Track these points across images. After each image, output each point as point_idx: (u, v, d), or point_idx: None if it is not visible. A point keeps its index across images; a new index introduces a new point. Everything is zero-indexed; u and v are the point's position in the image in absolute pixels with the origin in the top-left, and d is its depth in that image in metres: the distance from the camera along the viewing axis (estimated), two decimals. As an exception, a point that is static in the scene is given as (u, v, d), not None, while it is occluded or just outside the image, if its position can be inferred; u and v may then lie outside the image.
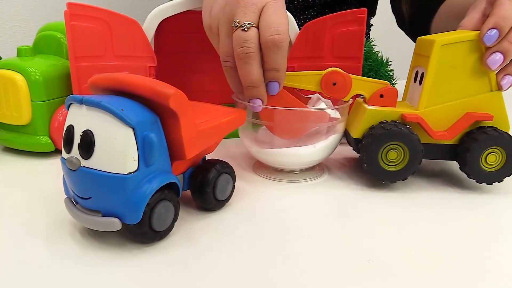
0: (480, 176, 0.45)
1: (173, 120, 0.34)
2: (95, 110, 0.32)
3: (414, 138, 0.44)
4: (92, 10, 0.51)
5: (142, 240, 0.35)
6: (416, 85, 0.47)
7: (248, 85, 0.43)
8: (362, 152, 0.45)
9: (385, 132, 0.43)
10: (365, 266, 0.33)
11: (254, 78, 0.42)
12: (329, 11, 0.80)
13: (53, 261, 0.33)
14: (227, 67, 0.44)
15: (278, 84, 0.44)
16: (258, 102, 0.44)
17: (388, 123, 0.44)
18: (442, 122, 0.45)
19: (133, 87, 0.34)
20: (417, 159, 0.44)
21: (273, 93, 0.44)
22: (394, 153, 0.44)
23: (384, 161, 0.44)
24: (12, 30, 1.03)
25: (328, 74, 0.46)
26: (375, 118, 0.46)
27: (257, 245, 0.35)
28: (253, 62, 0.42)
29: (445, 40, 0.44)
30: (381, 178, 0.45)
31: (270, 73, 0.43)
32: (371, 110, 0.46)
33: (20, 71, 0.51)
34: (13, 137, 0.54)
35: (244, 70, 0.42)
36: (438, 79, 0.45)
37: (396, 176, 0.45)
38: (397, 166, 0.44)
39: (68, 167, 0.33)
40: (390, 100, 0.46)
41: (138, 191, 0.32)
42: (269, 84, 0.43)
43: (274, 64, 0.42)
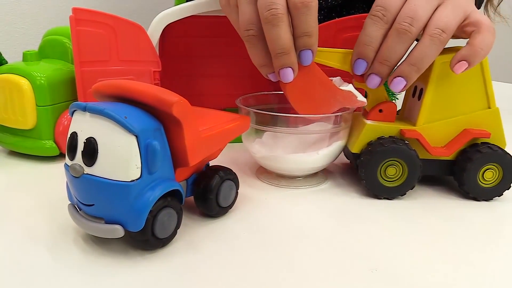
0: (479, 193, 0.45)
1: (177, 127, 0.34)
2: (99, 117, 0.32)
3: (412, 154, 0.44)
4: (97, 15, 0.51)
5: (145, 247, 0.35)
6: (415, 100, 0.47)
7: (277, 52, 0.39)
8: (361, 169, 0.45)
9: (384, 149, 0.43)
10: (368, 275, 0.33)
11: (285, 41, 0.38)
12: (336, 15, 0.79)
13: (56, 267, 0.33)
14: (249, 35, 0.40)
15: (311, 52, 0.40)
16: (289, 71, 0.40)
17: (387, 139, 0.44)
18: (440, 138, 0.46)
19: (136, 94, 0.34)
20: (416, 175, 0.44)
21: (306, 62, 0.40)
22: (393, 169, 0.44)
23: (382, 177, 0.44)
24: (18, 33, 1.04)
25: None
26: (373, 133, 0.45)
27: (260, 252, 0.35)
28: (283, 24, 0.38)
29: (445, 57, 0.43)
30: (379, 194, 0.45)
31: (302, 40, 0.39)
32: (370, 126, 0.45)
33: (25, 76, 0.51)
34: (18, 141, 0.54)
35: (273, 34, 0.38)
36: (437, 95, 0.45)
37: (394, 192, 0.45)
38: (395, 182, 0.44)
39: (71, 174, 0.33)
40: (389, 115, 0.46)
41: (141, 199, 0.32)
42: (301, 53, 0.40)
43: (305, 28, 0.39)
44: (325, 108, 0.45)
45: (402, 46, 0.40)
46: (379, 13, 0.41)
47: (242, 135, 0.49)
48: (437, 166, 0.46)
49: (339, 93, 0.44)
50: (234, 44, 0.70)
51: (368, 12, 0.43)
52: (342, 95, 0.44)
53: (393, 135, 0.45)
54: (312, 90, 0.43)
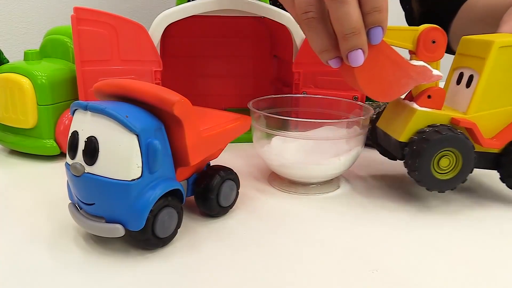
0: None
1: (178, 127, 0.34)
2: (100, 116, 0.32)
3: (469, 144, 0.40)
4: (98, 14, 0.51)
5: (145, 247, 0.35)
6: (461, 87, 0.44)
7: (347, 32, 0.35)
8: (411, 159, 0.41)
9: (441, 137, 0.40)
10: (369, 276, 0.32)
11: (355, 19, 0.34)
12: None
13: (56, 266, 0.33)
14: (309, 18, 0.36)
15: (381, 29, 0.36)
16: (359, 53, 0.36)
17: (441, 127, 0.41)
18: (490, 129, 0.43)
19: (137, 93, 0.34)
20: (469, 167, 0.41)
21: (376, 41, 0.36)
22: (446, 160, 0.41)
23: (435, 169, 0.41)
24: (20, 32, 1.04)
25: (427, 30, 0.42)
26: (424, 121, 0.42)
27: (261, 252, 0.35)
28: (352, 0, 0.34)
29: (504, 42, 0.41)
30: (430, 187, 0.42)
31: (371, 16, 0.35)
32: (421, 112, 0.42)
33: (26, 75, 0.52)
34: (19, 140, 0.54)
35: (341, 13, 0.34)
36: (491, 83, 0.42)
37: (446, 185, 0.42)
38: (447, 174, 0.41)
39: (72, 173, 0.33)
40: (438, 101, 0.42)
41: (141, 198, 0.32)
42: (371, 31, 0.36)
43: (376, 2, 0.35)
44: (397, 88, 0.41)
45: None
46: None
47: (253, 139, 0.48)
48: (482, 159, 0.43)
49: (412, 69, 0.41)
50: (235, 44, 0.71)
51: None
52: (416, 70, 0.41)
53: (444, 123, 0.42)
54: (382, 70, 0.39)
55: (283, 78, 0.68)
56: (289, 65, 0.60)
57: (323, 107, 0.52)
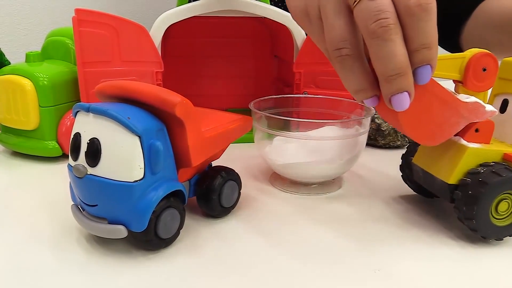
0: None
1: (179, 128, 0.34)
2: (102, 118, 0.32)
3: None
4: (99, 16, 0.51)
5: (148, 248, 0.35)
6: (507, 117, 0.40)
7: (391, 74, 0.30)
8: (468, 205, 0.36)
9: (501, 180, 0.35)
10: (371, 276, 0.33)
11: (401, 59, 0.30)
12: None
13: (59, 267, 0.33)
14: (343, 55, 0.31)
15: (430, 68, 0.31)
16: (405, 97, 0.31)
17: (497, 166, 0.36)
18: None
19: (139, 95, 0.34)
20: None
21: (424, 81, 0.31)
22: (505, 204, 0.36)
23: (493, 215, 0.36)
24: (21, 34, 1.04)
25: (477, 57, 0.37)
26: (476, 159, 0.37)
27: (263, 253, 0.35)
28: (396, 37, 0.30)
29: None
30: (488, 235, 0.37)
31: (420, 54, 0.30)
32: (473, 150, 0.37)
33: (28, 77, 0.52)
34: (21, 141, 0.54)
35: (384, 52, 0.30)
36: None
37: (506, 232, 0.37)
38: (507, 219, 0.37)
39: (74, 174, 0.33)
40: (487, 135, 0.37)
41: (144, 199, 0.32)
42: (418, 70, 0.31)
43: (424, 38, 0.30)
44: (447, 130, 0.37)
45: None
46: None
47: (255, 140, 0.48)
48: None
49: (463, 107, 0.36)
50: (236, 44, 0.71)
51: None
52: (467, 108, 0.36)
53: (496, 160, 0.37)
54: (430, 111, 0.34)
55: (284, 78, 0.68)
56: (290, 65, 0.60)
57: (324, 107, 0.52)
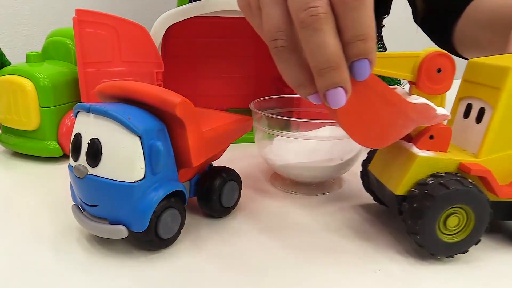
0: None
1: (180, 128, 0.34)
2: (103, 118, 0.32)
3: (483, 199, 0.33)
4: (100, 16, 0.51)
5: (149, 248, 0.35)
6: (470, 122, 0.36)
7: (323, 67, 0.27)
8: (412, 219, 0.33)
9: (448, 193, 0.32)
10: (371, 276, 0.33)
11: (332, 51, 0.27)
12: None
13: (60, 267, 0.33)
14: (279, 47, 0.28)
15: (369, 62, 0.28)
16: (339, 93, 0.28)
17: (448, 177, 0.33)
18: (507, 174, 0.35)
19: (140, 95, 0.34)
20: (484, 225, 0.34)
21: (362, 77, 0.28)
22: (455, 219, 0.33)
23: (441, 230, 0.34)
24: (21, 34, 1.04)
25: (431, 56, 0.34)
26: (426, 169, 0.34)
27: (264, 253, 0.35)
28: (327, 27, 0.27)
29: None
30: (435, 252, 0.34)
31: (354, 46, 0.27)
32: (423, 158, 0.34)
33: (29, 77, 0.52)
34: (21, 142, 0.54)
35: (314, 43, 0.27)
36: (509, 117, 0.34)
37: (455, 249, 0.34)
38: (457, 235, 0.34)
39: (75, 174, 0.33)
40: (443, 143, 0.35)
41: (144, 199, 0.32)
42: (354, 64, 0.28)
43: (359, 29, 0.27)
44: (392, 132, 0.33)
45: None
46: None
47: (255, 140, 0.48)
48: (502, 210, 0.35)
49: (411, 109, 0.33)
50: (237, 44, 0.71)
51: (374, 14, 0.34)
52: (416, 110, 0.33)
53: (450, 171, 0.34)
54: (373, 110, 0.32)
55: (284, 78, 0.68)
56: (290, 66, 0.60)
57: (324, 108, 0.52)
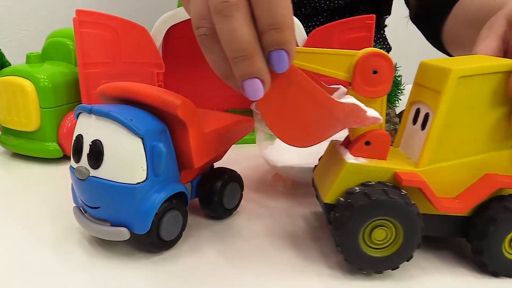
0: (503, 267, 0.32)
1: (182, 129, 0.34)
2: (104, 120, 0.32)
3: (412, 212, 0.30)
4: (100, 17, 0.51)
5: (150, 250, 0.35)
6: (416, 128, 0.34)
7: (235, 56, 0.26)
8: (335, 229, 0.31)
9: (370, 203, 0.30)
10: (373, 276, 0.33)
11: (244, 40, 0.26)
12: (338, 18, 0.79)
13: (61, 269, 0.33)
14: (202, 35, 0.28)
15: (285, 53, 0.27)
16: (255, 84, 0.27)
17: (375, 187, 0.31)
18: (450, 186, 0.32)
19: (141, 96, 0.34)
20: (415, 241, 0.31)
21: (279, 68, 0.27)
22: (382, 232, 0.31)
23: (366, 243, 0.31)
24: (20, 35, 1.04)
25: (366, 56, 0.31)
26: (356, 177, 0.32)
27: (265, 254, 0.35)
28: (239, 15, 0.26)
29: (466, 70, 0.30)
30: (364, 267, 0.32)
31: (269, 36, 0.26)
32: (352, 166, 0.32)
33: (29, 78, 0.51)
34: (21, 143, 0.54)
35: (226, 30, 0.26)
36: (451, 124, 0.31)
37: (383, 264, 0.32)
38: (385, 250, 0.31)
39: (77, 176, 0.33)
40: (380, 149, 0.32)
41: (147, 201, 0.32)
42: (270, 55, 0.27)
43: (272, 17, 0.26)
44: (317, 132, 0.32)
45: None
46: None
47: (257, 141, 0.48)
48: (445, 225, 0.33)
49: (338, 108, 0.31)
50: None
51: (372, 12, 0.33)
52: (343, 110, 0.31)
53: (384, 180, 0.32)
54: (296, 107, 0.30)
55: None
56: (291, 66, 0.60)
57: None
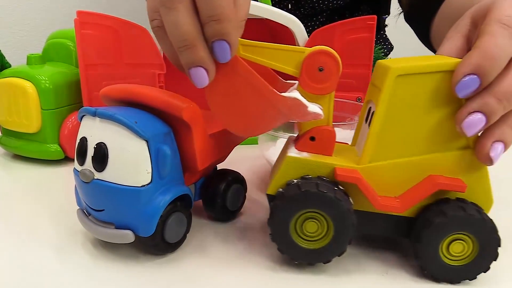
0: (441, 272, 0.32)
1: (186, 132, 0.34)
2: (109, 122, 0.32)
3: (342, 207, 0.31)
4: (101, 18, 0.51)
5: (155, 252, 0.35)
6: (366, 126, 0.34)
7: (179, 45, 0.29)
8: (269, 219, 0.32)
9: (299, 195, 0.31)
10: (379, 279, 0.33)
11: (186, 30, 0.28)
12: (338, 18, 0.79)
13: (65, 272, 0.33)
14: (155, 27, 0.31)
15: (226, 43, 0.29)
16: (200, 72, 0.30)
17: (310, 180, 0.32)
18: (393, 185, 0.32)
19: (146, 99, 0.34)
20: (346, 236, 0.32)
21: (222, 58, 0.29)
22: (313, 225, 0.32)
23: (298, 234, 0.32)
24: (19, 35, 1.04)
25: (312, 53, 0.32)
26: (295, 171, 0.33)
27: (269, 256, 0.35)
28: (182, 6, 0.28)
29: (404, 68, 0.30)
30: (293, 257, 0.33)
31: (210, 27, 0.28)
32: (292, 159, 0.33)
33: (30, 79, 0.51)
34: (22, 144, 0.54)
35: (170, 21, 0.29)
36: (391, 122, 0.32)
37: (314, 257, 0.32)
38: (317, 242, 0.32)
39: (81, 179, 0.33)
40: (325, 145, 0.33)
41: (151, 204, 0.32)
42: (213, 45, 0.29)
43: (212, 10, 0.28)
44: (261, 123, 0.33)
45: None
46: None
47: (259, 142, 0.48)
48: (388, 224, 0.33)
49: (281, 102, 0.32)
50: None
51: (371, 13, 0.32)
52: (286, 104, 0.32)
53: (323, 174, 0.32)
54: (241, 97, 0.32)
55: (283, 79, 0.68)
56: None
57: None
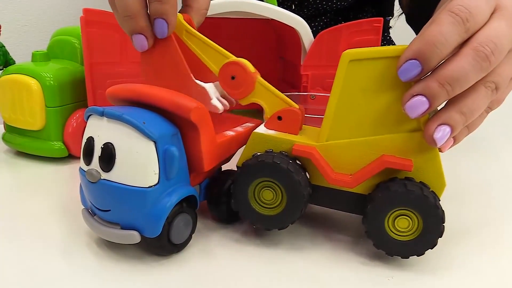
0: (389, 246, 0.34)
1: (193, 133, 0.34)
2: (116, 122, 0.32)
3: (293, 177, 0.34)
4: (107, 16, 0.51)
5: (160, 253, 0.35)
6: None
7: (123, 15, 0.35)
8: (233, 186, 0.36)
9: (256, 164, 0.34)
10: (385, 283, 0.33)
11: (130, 3, 0.35)
12: (342, 19, 0.79)
13: (70, 272, 0.33)
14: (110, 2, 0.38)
15: (165, 22, 0.35)
16: (140, 38, 0.36)
17: (269, 153, 0.35)
18: (349, 163, 0.35)
19: (153, 99, 0.33)
20: (298, 205, 0.34)
21: (159, 34, 0.35)
22: (269, 193, 0.35)
23: (257, 200, 0.36)
24: (22, 30, 1.03)
25: (226, 64, 0.37)
26: (260, 146, 0.36)
27: (274, 258, 0.35)
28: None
29: (356, 53, 0.32)
30: (252, 221, 0.36)
31: (152, 5, 0.35)
32: (257, 135, 0.36)
33: (34, 76, 0.51)
34: (26, 142, 0.54)
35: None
36: (345, 104, 0.34)
37: (271, 222, 0.36)
38: (272, 210, 0.35)
39: (87, 179, 0.32)
40: (291, 124, 0.36)
41: (158, 205, 0.32)
42: (154, 22, 0.35)
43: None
44: None
45: (475, 75, 0.30)
46: (463, 15, 0.30)
47: None
48: (342, 199, 0.36)
49: (192, 86, 0.37)
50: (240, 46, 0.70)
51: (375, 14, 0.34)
52: (196, 90, 0.37)
53: (285, 150, 0.35)
54: (166, 71, 0.37)
55: (288, 79, 0.68)
56: (297, 67, 0.60)
57: None
